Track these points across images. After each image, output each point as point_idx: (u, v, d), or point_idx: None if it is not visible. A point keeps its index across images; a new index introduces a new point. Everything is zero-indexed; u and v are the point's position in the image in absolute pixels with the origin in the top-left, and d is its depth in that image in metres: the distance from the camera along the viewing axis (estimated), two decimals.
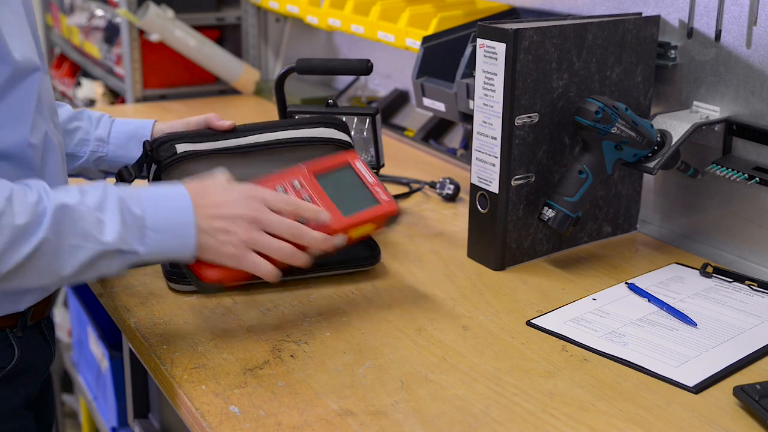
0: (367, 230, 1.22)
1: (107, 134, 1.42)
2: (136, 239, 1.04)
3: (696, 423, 1.04)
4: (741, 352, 1.18)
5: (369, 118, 1.62)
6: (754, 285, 1.38)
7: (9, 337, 1.16)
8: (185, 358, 1.15)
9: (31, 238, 0.98)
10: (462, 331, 1.24)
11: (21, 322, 1.17)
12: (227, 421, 1.02)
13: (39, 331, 1.24)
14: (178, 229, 1.06)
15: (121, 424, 2.14)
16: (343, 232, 1.18)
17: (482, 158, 1.44)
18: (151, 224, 1.05)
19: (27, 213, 0.98)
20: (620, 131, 1.39)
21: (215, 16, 2.79)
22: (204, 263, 1.11)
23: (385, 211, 1.23)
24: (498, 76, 1.38)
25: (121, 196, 1.05)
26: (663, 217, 1.63)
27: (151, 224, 1.05)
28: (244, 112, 2.53)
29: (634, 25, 1.49)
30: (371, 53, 2.34)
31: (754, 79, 1.43)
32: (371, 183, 1.25)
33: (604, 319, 1.28)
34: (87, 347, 2.41)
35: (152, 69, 2.71)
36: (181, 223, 1.06)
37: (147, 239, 1.05)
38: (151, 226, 1.05)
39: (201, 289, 1.16)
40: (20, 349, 1.18)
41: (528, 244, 1.48)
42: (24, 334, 1.18)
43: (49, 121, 1.15)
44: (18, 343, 1.17)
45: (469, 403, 1.07)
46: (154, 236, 1.05)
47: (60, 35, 3.56)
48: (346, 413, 1.04)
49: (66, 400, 2.94)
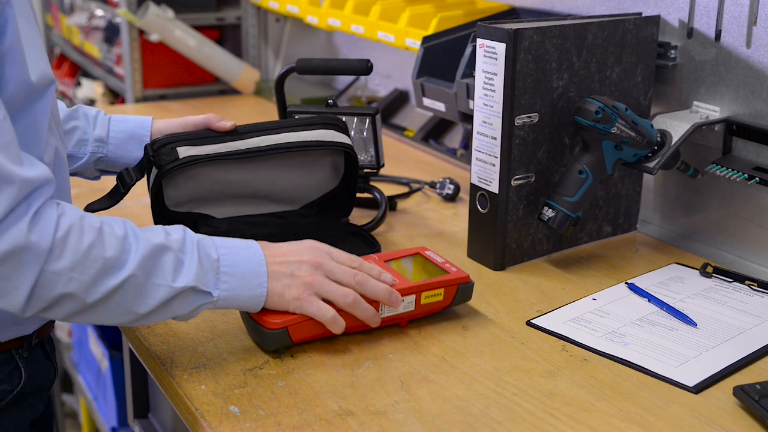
0: (437, 299, 1.23)
1: (106, 134, 1.41)
2: (211, 282, 1.07)
3: (696, 423, 1.04)
4: (741, 352, 1.18)
5: (369, 118, 1.62)
6: (754, 285, 1.38)
7: (15, 359, 1.14)
8: (185, 358, 1.15)
9: (119, 272, 1.00)
10: (462, 331, 1.24)
11: (26, 342, 1.15)
12: (227, 421, 1.02)
13: (42, 350, 1.22)
14: (251, 275, 1.09)
15: (121, 424, 2.14)
16: (410, 293, 1.20)
17: (482, 158, 1.44)
18: (225, 269, 1.08)
19: (116, 247, 1.00)
20: (620, 131, 1.39)
21: (215, 16, 2.79)
22: (269, 312, 1.13)
23: (455, 278, 1.25)
24: (498, 76, 1.38)
25: (199, 239, 1.08)
26: (663, 217, 1.63)
27: (226, 268, 1.08)
28: (244, 112, 2.53)
29: (634, 25, 1.49)
30: (371, 53, 2.34)
31: (754, 79, 1.43)
32: (441, 262, 1.29)
33: (604, 319, 1.28)
34: (87, 347, 2.41)
35: (152, 69, 2.71)
36: (253, 270, 1.10)
37: (221, 283, 1.07)
38: (225, 270, 1.08)
39: (266, 342, 1.15)
40: (27, 370, 1.16)
41: (528, 244, 1.49)
42: (29, 354, 1.17)
43: (57, 134, 1.13)
44: (24, 364, 1.15)
45: (468, 403, 1.07)
46: (228, 280, 1.08)
47: (60, 35, 3.56)
48: (346, 413, 1.04)
49: (66, 400, 2.94)
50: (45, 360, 1.22)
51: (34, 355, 1.18)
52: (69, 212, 0.99)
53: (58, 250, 0.96)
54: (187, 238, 1.07)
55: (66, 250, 0.97)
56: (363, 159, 1.66)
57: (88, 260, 0.98)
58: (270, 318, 1.14)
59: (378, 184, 1.74)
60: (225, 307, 1.10)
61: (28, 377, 1.16)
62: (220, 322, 1.25)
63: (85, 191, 1.63)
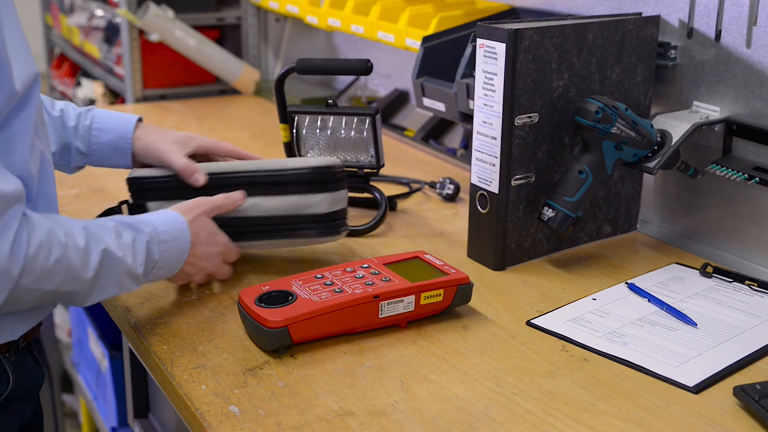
0: (437, 299, 1.24)
1: (87, 146, 1.43)
2: (144, 276, 1.19)
3: (696, 423, 1.04)
4: (741, 352, 1.18)
5: (369, 118, 1.62)
6: (754, 285, 1.38)
7: (3, 363, 1.14)
8: (185, 358, 1.15)
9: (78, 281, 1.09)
10: (462, 331, 1.24)
11: (14, 346, 1.14)
12: (227, 421, 1.02)
13: (30, 353, 1.21)
14: (174, 264, 1.24)
15: (121, 424, 2.14)
16: (410, 294, 1.21)
17: (482, 158, 1.44)
18: (160, 264, 1.21)
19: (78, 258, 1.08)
20: (620, 131, 1.39)
21: (215, 16, 2.79)
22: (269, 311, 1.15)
23: (454, 279, 1.25)
24: (498, 76, 1.38)
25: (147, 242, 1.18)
26: (663, 217, 1.63)
27: (161, 264, 1.21)
28: (243, 112, 2.53)
29: (634, 25, 1.49)
30: (371, 53, 2.34)
31: (754, 79, 1.43)
32: (440, 264, 1.30)
33: (604, 319, 1.28)
34: (87, 347, 2.41)
35: (152, 69, 2.71)
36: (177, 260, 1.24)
37: (151, 275, 1.21)
38: (160, 265, 1.21)
39: (266, 342, 1.16)
40: (14, 374, 1.15)
41: (528, 244, 1.48)
42: (17, 358, 1.16)
43: (42, 136, 1.13)
44: (12, 368, 1.15)
45: (469, 403, 1.07)
46: (157, 273, 1.21)
47: (60, 35, 3.56)
48: (346, 413, 1.04)
49: (66, 400, 2.94)
50: (33, 363, 1.21)
51: (21, 359, 1.17)
52: (37, 227, 1.03)
53: (28, 268, 1.02)
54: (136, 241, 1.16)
55: (35, 268, 1.02)
56: (363, 159, 1.66)
57: (52, 273, 1.05)
58: (270, 317, 1.14)
59: (378, 184, 1.74)
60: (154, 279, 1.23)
61: (16, 381, 1.15)
62: (220, 322, 1.25)
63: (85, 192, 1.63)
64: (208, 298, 1.32)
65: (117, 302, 1.31)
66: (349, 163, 1.66)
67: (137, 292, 1.32)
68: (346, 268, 1.27)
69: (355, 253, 1.50)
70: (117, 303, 1.30)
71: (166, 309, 1.28)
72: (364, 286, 1.21)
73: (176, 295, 1.33)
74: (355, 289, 1.20)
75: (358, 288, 1.20)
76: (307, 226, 1.37)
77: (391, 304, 1.21)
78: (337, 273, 1.25)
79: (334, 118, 1.63)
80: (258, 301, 1.18)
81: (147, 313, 1.27)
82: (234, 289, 1.34)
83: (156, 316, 1.26)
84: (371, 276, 1.24)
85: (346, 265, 1.28)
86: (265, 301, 1.18)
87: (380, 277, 1.23)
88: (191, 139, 1.44)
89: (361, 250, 1.52)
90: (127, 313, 1.27)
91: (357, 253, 1.50)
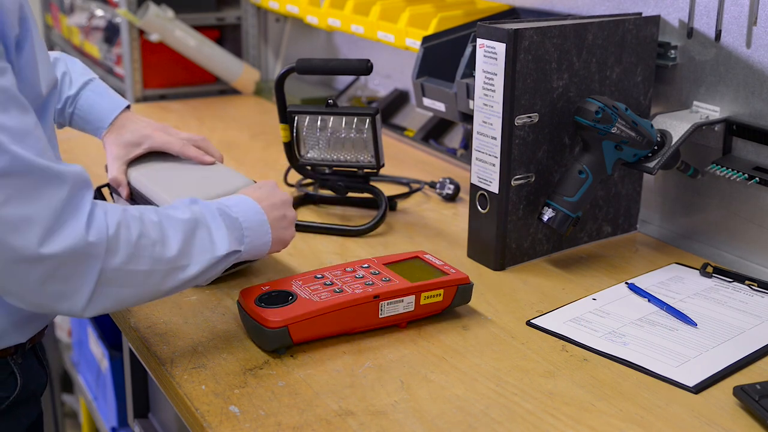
0: (437, 299, 1.24)
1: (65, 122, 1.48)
2: (238, 240, 1.15)
3: (696, 423, 1.04)
4: (741, 352, 1.18)
5: (369, 118, 1.62)
6: (754, 285, 1.38)
7: (10, 365, 1.14)
8: (185, 358, 1.15)
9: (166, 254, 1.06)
10: (462, 331, 1.24)
11: (21, 348, 1.15)
12: (227, 421, 1.02)
13: (35, 355, 1.22)
14: (260, 225, 1.18)
15: (121, 424, 2.14)
16: (410, 294, 1.22)
17: (482, 158, 1.44)
18: (246, 224, 1.16)
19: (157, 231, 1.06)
20: (620, 131, 1.39)
21: (215, 16, 2.79)
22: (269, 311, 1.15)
23: (454, 279, 1.26)
24: (498, 76, 1.38)
25: (216, 205, 1.15)
26: (663, 217, 1.63)
27: (246, 224, 1.16)
28: (243, 112, 2.53)
29: (634, 25, 1.49)
30: (371, 53, 2.34)
31: (754, 79, 1.43)
32: (440, 264, 1.30)
33: (604, 319, 1.28)
34: (87, 347, 2.41)
35: (152, 69, 2.71)
36: (260, 220, 1.19)
37: (245, 239, 1.16)
38: (246, 226, 1.16)
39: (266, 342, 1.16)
40: (22, 376, 1.16)
41: (528, 244, 1.48)
42: (24, 360, 1.17)
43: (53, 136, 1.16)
44: (19, 370, 1.16)
45: (469, 403, 1.07)
46: (249, 235, 1.16)
47: (60, 35, 3.56)
48: (346, 413, 1.04)
49: (66, 400, 2.94)
50: (38, 365, 1.22)
51: (28, 361, 1.18)
52: (110, 208, 1.02)
53: (113, 248, 0.99)
54: (204, 207, 1.13)
55: (120, 246, 1.00)
56: (363, 159, 1.66)
57: (140, 250, 1.02)
58: (270, 317, 1.14)
59: (378, 184, 1.74)
60: (243, 258, 1.17)
61: (24, 383, 1.16)
62: (220, 322, 1.25)
63: None
64: (208, 298, 1.32)
65: None
66: (349, 163, 1.66)
67: None
68: (346, 268, 1.27)
69: (355, 253, 1.50)
70: None
71: (166, 309, 1.28)
72: (364, 286, 1.21)
73: (176, 295, 1.33)
74: (355, 289, 1.20)
75: (358, 288, 1.20)
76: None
77: (391, 304, 1.21)
78: (337, 273, 1.25)
79: (334, 118, 1.63)
80: (258, 301, 1.18)
81: (147, 313, 1.27)
82: (234, 289, 1.34)
83: (156, 316, 1.26)
84: (371, 276, 1.24)
85: (346, 265, 1.28)
86: (265, 301, 1.18)
87: (380, 277, 1.23)
88: (145, 139, 1.47)
89: (361, 250, 1.52)
90: (127, 313, 1.27)
91: (357, 253, 1.50)
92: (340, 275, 1.24)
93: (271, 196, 1.24)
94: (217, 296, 1.33)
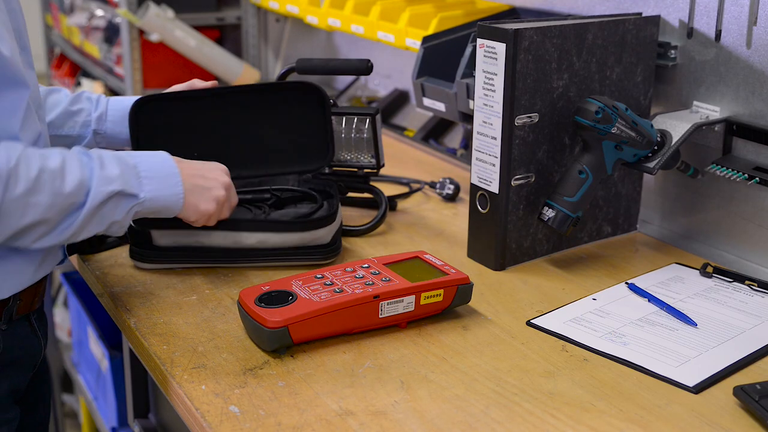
0: (437, 299, 1.24)
1: (105, 112, 1.49)
2: (135, 185, 1.17)
3: (696, 423, 1.04)
4: (741, 352, 1.18)
5: (369, 118, 1.62)
6: (754, 285, 1.38)
7: None
8: (185, 358, 1.15)
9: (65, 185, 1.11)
10: (462, 331, 1.24)
11: (5, 314, 1.19)
12: (227, 421, 1.02)
13: (28, 323, 1.26)
14: (167, 177, 1.22)
15: (121, 424, 2.14)
16: (410, 294, 1.22)
17: (482, 158, 1.44)
18: (144, 173, 1.19)
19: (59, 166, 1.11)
20: (620, 131, 1.39)
21: (215, 16, 2.79)
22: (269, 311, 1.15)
23: (454, 279, 1.26)
24: (498, 76, 1.38)
25: (114, 153, 1.19)
26: (663, 217, 1.63)
27: (145, 173, 1.19)
28: None
29: (634, 25, 1.49)
30: (371, 53, 2.34)
31: (754, 79, 1.43)
32: (440, 264, 1.30)
33: (604, 319, 1.28)
34: (87, 347, 2.41)
35: (152, 69, 2.71)
36: (168, 173, 1.22)
37: (144, 185, 1.19)
38: (144, 174, 1.19)
39: (266, 342, 1.16)
40: (3, 341, 1.19)
41: (528, 244, 1.48)
42: (8, 327, 1.20)
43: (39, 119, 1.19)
44: (1, 336, 1.19)
45: (468, 403, 1.07)
46: (149, 182, 1.19)
47: (60, 35, 3.56)
48: (346, 413, 1.04)
49: (66, 400, 2.94)
50: (30, 334, 1.26)
51: (15, 328, 1.21)
52: (12, 145, 1.06)
53: (13, 179, 1.05)
54: (104, 153, 1.17)
55: (19, 178, 1.05)
56: (363, 159, 1.66)
57: (39, 183, 1.07)
58: (270, 317, 1.14)
59: (378, 184, 1.74)
60: (151, 209, 1.21)
61: (4, 349, 1.20)
62: (220, 322, 1.25)
63: None
64: (208, 298, 1.32)
65: (117, 302, 1.31)
66: (349, 163, 1.66)
67: (138, 292, 1.33)
68: (346, 268, 1.27)
69: (355, 253, 1.50)
70: (117, 303, 1.30)
71: (166, 309, 1.28)
72: (364, 286, 1.21)
73: (176, 295, 1.33)
74: (355, 289, 1.20)
75: (358, 288, 1.20)
76: (314, 252, 1.43)
77: (391, 304, 1.21)
78: (337, 273, 1.25)
79: (334, 118, 1.63)
80: (258, 301, 1.18)
81: (147, 313, 1.27)
82: (234, 289, 1.34)
83: (156, 316, 1.26)
84: (371, 276, 1.24)
85: (346, 265, 1.28)
86: (265, 301, 1.18)
87: (380, 277, 1.23)
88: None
89: (361, 250, 1.52)
90: (127, 313, 1.27)
91: (357, 253, 1.50)
92: (340, 275, 1.24)
93: (203, 169, 1.28)
94: (217, 296, 1.33)
